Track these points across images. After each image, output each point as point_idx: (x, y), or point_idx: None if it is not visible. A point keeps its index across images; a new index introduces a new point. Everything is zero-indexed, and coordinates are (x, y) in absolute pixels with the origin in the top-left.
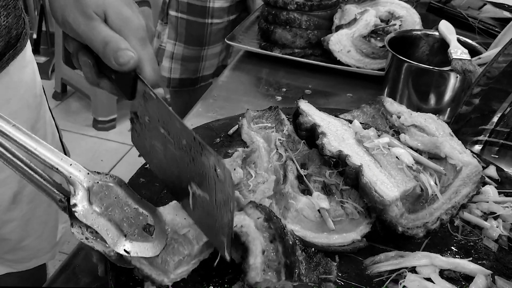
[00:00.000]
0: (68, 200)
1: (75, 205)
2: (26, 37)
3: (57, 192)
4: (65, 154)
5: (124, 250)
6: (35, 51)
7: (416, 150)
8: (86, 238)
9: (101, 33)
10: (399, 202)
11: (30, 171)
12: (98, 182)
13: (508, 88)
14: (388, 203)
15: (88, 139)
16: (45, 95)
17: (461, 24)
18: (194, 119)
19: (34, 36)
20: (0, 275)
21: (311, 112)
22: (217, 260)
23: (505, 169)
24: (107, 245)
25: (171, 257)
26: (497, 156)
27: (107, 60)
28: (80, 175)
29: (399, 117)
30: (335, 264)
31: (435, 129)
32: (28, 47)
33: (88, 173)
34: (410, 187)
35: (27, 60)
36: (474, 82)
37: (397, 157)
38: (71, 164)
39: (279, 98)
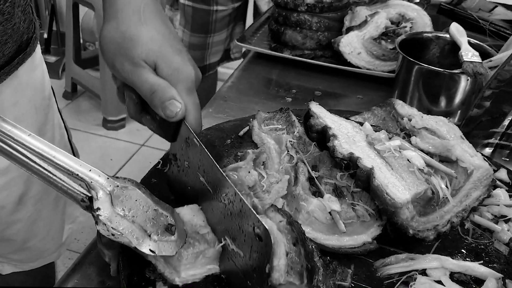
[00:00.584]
0: (90, 200)
1: (98, 209)
2: (36, 41)
3: (78, 192)
4: (74, 154)
5: (150, 250)
6: (46, 51)
7: (427, 153)
8: (112, 234)
9: (148, 80)
10: (410, 205)
11: (48, 173)
12: (118, 186)
13: None
14: (400, 205)
15: (97, 138)
16: (55, 96)
17: (472, 26)
18: (204, 120)
19: (45, 35)
20: (8, 273)
21: (322, 114)
22: None
23: None
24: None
25: (186, 251)
26: (508, 159)
27: (154, 108)
28: (100, 179)
29: (410, 120)
30: (350, 272)
31: (446, 132)
32: (38, 50)
33: (108, 178)
34: (421, 190)
35: (36, 63)
36: (485, 85)
37: (408, 160)
38: (90, 170)
39: (289, 99)
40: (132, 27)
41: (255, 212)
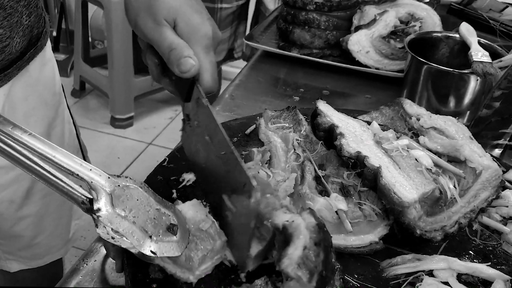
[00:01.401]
0: (91, 202)
1: (99, 209)
2: (47, 36)
3: (78, 194)
4: (82, 151)
5: (151, 251)
6: (55, 49)
7: (435, 153)
8: (112, 238)
9: (167, 39)
10: (418, 205)
11: (49, 175)
12: (119, 185)
13: None
14: (407, 205)
15: (105, 137)
16: (64, 93)
17: (482, 26)
18: None
19: (54, 33)
20: (16, 271)
21: (329, 113)
22: None
23: None
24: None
25: (195, 253)
26: None
27: (170, 65)
28: (101, 179)
29: (418, 119)
30: (338, 267)
31: (455, 132)
32: (48, 45)
33: (108, 177)
34: (429, 190)
35: (47, 58)
36: (495, 85)
37: (416, 160)
38: (91, 169)
39: (297, 98)
40: None
41: (247, 172)
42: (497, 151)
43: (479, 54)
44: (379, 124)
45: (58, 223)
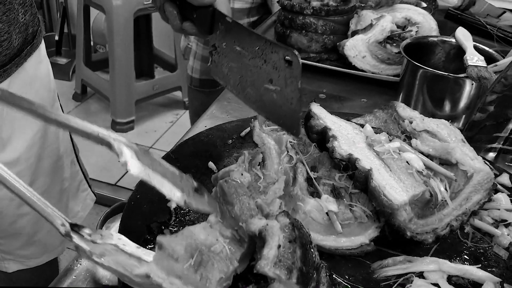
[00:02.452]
0: (71, 225)
1: (125, 163)
2: (41, 34)
3: (58, 215)
4: (74, 149)
5: (184, 201)
6: (57, 53)
7: (427, 156)
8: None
9: None
10: (408, 207)
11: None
12: (139, 148)
13: None
14: (397, 207)
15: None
16: (58, 95)
17: (480, 31)
18: (207, 121)
19: (56, 37)
20: (13, 271)
21: (322, 115)
22: None
23: None
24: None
25: (213, 275)
26: (511, 164)
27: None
28: (121, 139)
29: (411, 122)
30: (323, 265)
31: (447, 135)
32: (43, 44)
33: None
34: (419, 192)
35: (42, 56)
36: (489, 89)
37: (407, 162)
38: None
39: None
40: None
41: (284, 46)
42: (491, 155)
43: (474, 59)
44: (372, 127)
45: None
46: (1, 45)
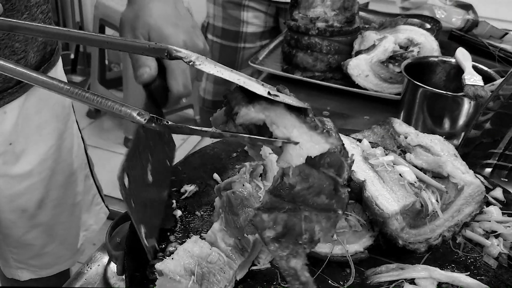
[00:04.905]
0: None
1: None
2: (59, 53)
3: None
4: (89, 166)
5: (269, 92)
6: (72, 71)
7: (421, 169)
8: None
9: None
10: (399, 216)
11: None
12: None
13: None
14: (388, 216)
15: (118, 157)
16: (73, 108)
17: (482, 52)
18: None
19: (72, 56)
20: (25, 280)
21: None
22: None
23: None
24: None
25: (218, 285)
26: (506, 180)
27: (134, 73)
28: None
29: (406, 138)
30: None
31: (440, 149)
32: (60, 62)
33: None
34: (409, 202)
35: (58, 73)
36: (483, 107)
37: (400, 174)
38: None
39: None
40: (141, 7)
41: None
42: (487, 170)
43: (471, 78)
44: (370, 142)
45: (68, 233)
46: (19, 63)
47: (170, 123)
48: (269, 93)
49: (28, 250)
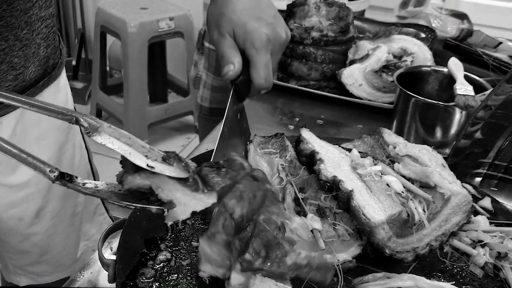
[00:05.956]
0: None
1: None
2: (62, 66)
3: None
4: (93, 174)
5: (147, 165)
6: (74, 77)
7: (409, 179)
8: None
9: (221, 49)
10: (386, 226)
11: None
12: (110, 126)
13: (505, 122)
14: (374, 225)
15: (119, 162)
16: None
17: (477, 61)
18: (209, 144)
19: (73, 62)
20: (23, 286)
21: (311, 140)
22: None
23: (505, 202)
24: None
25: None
26: (496, 189)
27: (221, 69)
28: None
29: (395, 148)
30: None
31: (428, 159)
32: (63, 74)
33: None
34: (396, 212)
35: (61, 87)
36: (471, 117)
37: (387, 184)
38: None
39: (292, 127)
40: (224, 3)
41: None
42: (477, 180)
43: (462, 88)
44: (359, 152)
45: (66, 243)
46: (16, 78)
47: (78, 179)
48: (147, 165)
49: (26, 257)
